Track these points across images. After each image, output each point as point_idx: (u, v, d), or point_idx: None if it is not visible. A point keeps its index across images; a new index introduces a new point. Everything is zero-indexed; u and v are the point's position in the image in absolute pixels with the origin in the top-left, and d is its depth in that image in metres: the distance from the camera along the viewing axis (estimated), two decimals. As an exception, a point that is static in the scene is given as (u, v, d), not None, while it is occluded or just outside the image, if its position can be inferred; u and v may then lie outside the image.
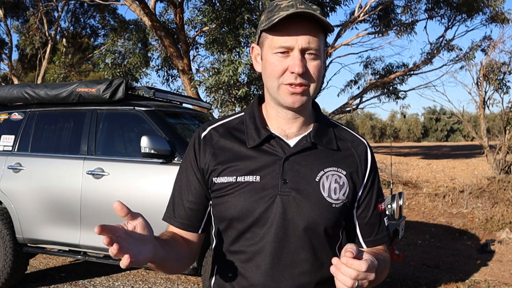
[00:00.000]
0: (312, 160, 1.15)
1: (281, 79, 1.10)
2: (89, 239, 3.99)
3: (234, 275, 1.17)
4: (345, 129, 1.25)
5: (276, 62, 1.10)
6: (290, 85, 1.10)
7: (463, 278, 4.95)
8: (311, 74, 1.10)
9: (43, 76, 15.61)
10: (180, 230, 1.23)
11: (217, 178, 1.16)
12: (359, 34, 13.84)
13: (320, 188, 1.13)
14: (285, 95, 1.11)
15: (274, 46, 1.10)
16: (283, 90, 1.11)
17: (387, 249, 1.26)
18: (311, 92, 1.12)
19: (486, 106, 11.25)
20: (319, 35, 1.09)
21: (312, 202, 1.12)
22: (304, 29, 1.07)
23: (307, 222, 1.12)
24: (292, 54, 1.08)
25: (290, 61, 1.08)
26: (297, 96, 1.10)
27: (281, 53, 1.09)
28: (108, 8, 16.58)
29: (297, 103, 1.11)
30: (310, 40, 1.07)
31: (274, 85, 1.12)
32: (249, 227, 1.13)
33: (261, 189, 1.12)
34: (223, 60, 8.80)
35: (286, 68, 1.09)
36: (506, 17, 13.04)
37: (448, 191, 9.19)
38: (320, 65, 1.11)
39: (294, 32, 1.07)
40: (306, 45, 1.07)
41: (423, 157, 18.86)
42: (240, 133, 1.19)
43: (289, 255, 1.13)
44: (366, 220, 1.21)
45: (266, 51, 1.13)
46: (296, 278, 1.13)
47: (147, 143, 3.64)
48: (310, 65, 1.09)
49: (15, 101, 4.73)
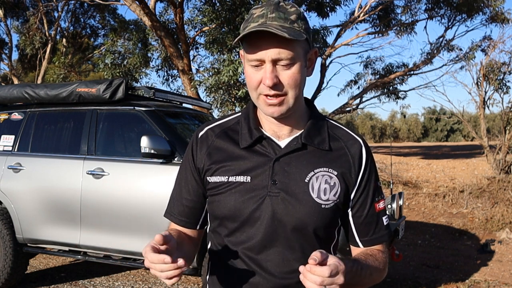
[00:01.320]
0: (303, 161, 1.16)
1: (258, 90, 1.11)
2: (89, 239, 3.99)
3: (225, 273, 1.20)
4: (340, 128, 1.24)
5: (252, 75, 1.11)
6: (266, 96, 1.10)
7: (463, 278, 4.95)
8: (286, 83, 1.09)
9: (43, 76, 15.61)
10: (179, 227, 1.27)
11: (211, 177, 1.19)
12: (359, 34, 13.85)
13: (309, 189, 1.14)
14: (263, 106, 1.13)
15: (248, 59, 1.11)
16: (261, 100, 1.12)
17: (385, 249, 1.25)
18: (291, 100, 1.11)
19: (486, 106, 11.25)
20: (292, 42, 1.07)
21: (300, 203, 1.13)
22: (273, 41, 1.06)
23: (295, 223, 1.13)
24: (264, 67, 1.09)
25: (263, 74, 1.09)
26: (275, 107, 1.11)
27: (255, 66, 1.10)
28: (108, 8, 16.58)
29: (276, 113, 1.12)
30: (280, 51, 1.06)
31: (254, 96, 1.14)
32: (239, 226, 1.16)
33: (251, 189, 1.14)
34: (223, 60, 8.81)
35: (260, 80, 1.10)
36: (506, 17, 13.04)
37: (448, 191, 9.19)
38: (296, 72, 1.09)
39: (263, 44, 1.07)
40: (276, 56, 1.07)
41: (423, 157, 18.85)
42: (235, 134, 1.21)
43: (278, 255, 1.15)
44: (362, 219, 1.21)
45: (244, 62, 1.15)
46: (284, 277, 1.15)
47: (147, 143, 3.64)
48: (283, 74, 1.09)
49: (15, 101, 4.73)
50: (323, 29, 12.43)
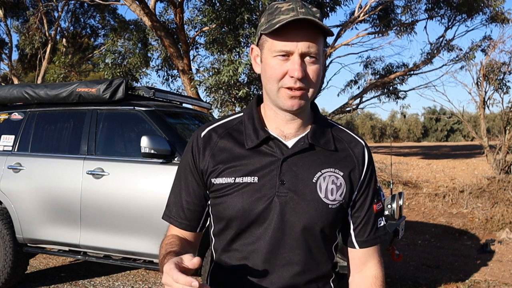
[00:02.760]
0: (310, 161, 1.16)
1: (281, 82, 1.11)
2: (89, 239, 3.99)
3: (230, 274, 1.19)
4: (342, 130, 1.25)
5: (276, 66, 1.10)
6: (289, 88, 1.10)
7: (463, 278, 4.95)
8: (311, 78, 1.11)
9: (43, 76, 15.60)
10: (179, 229, 1.25)
11: (216, 179, 1.17)
12: (359, 34, 13.84)
13: (317, 189, 1.14)
14: (284, 98, 1.12)
15: (274, 50, 1.10)
16: (282, 93, 1.12)
17: (380, 252, 1.26)
18: (310, 95, 1.13)
19: (486, 106, 11.25)
20: (318, 39, 1.10)
21: (309, 203, 1.13)
22: (304, 34, 1.08)
23: (304, 223, 1.13)
24: (292, 58, 1.09)
25: (290, 65, 1.09)
26: (296, 100, 1.11)
27: (281, 57, 1.10)
28: (108, 8, 16.57)
29: (296, 106, 1.12)
30: (310, 45, 1.08)
31: (274, 88, 1.13)
32: (247, 227, 1.15)
33: (259, 190, 1.13)
34: (223, 60, 8.81)
35: (286, 72, 1.10)
36: (506, 17, 13.04)
37: (448, 191, 9.19)
38: (319, 69, 1.12)
39: (294, 37, 1.08)
40: (306, 49, 1.08)
41: (423, 157, 18.84)
42: (239, 134, 1.20)
43: (284, 255, 1.14)
44: (360, 219, 1.22)
45: (266, 54, 1.14)
46: (291, 278, 1.15)
47: (147, 143, 3.64)
48: (309, 69, 1.10)
49: (15, 101, 4.73)
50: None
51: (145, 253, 3.80)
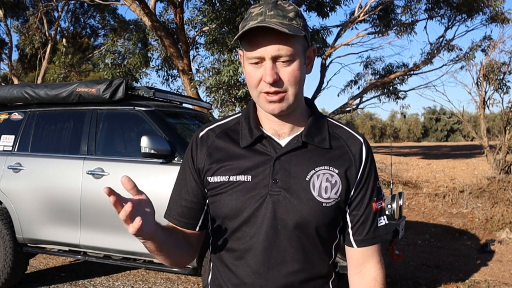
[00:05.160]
0: (303, 159, 1.16)
1: (259, 88, 1.11)
2: (89, 239, 3.99)
3: (226, 273, 1.20)
4: (340, 127, 1.24)
5: (252, 73, 1.11)
6: (266, 93, 1.11)
7: (463, 278, 4.95)
8: (286, 80, 1.10)
9: (43, 76, 15.61)
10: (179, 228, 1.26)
11: (212, 178, 1.18)
12: (359, 34, 13.85)
13: (310, 187, 1.14)
14: (264, 103, 1.13)
15: (247, 57, 1.11)
16: (262, 98, 1.13)
17: (380, 252, 1.24)
18: (291, 97, 1.12)
19: (486, 106, 11.26)
20: (291, 40, 1.08)
21: (301, 201, 1.13)
22: (272, 38, 1.06)
23: (296, 221, 1.13)
24: (264, 64, 1.09)
25: (263, 71, 1.09)
26: (276, 104, 1.11)
27: (254, 64, 1.10)
28: (108, 8, 16.57)
29: (276, 109, 1.12)
30: (279, 47, 1.07)
31: (254, 94, 1.14)
32: (240, 225, 1.16)
33: (252, 188, 1.14)
34: (223, 60, 8.81)
35: (261, 77, 1.10)
36: (506, 17, 13.04)
37: (448, 191, 9.19)
38: (296, 69, 1.10)
39: (262, 42, 1.07)
40: (276, 53, 1.07)
41: (423, 157, 18.85)
42: (235, 134, 1.21)
43: (279, 254, 1.14)
44: (358, 218, 1.20)
45: (244, 61, 1.15)
46: (285, 277, 1.14)
47: (147, 143, 3.64)
48: (283, 71, 1.09)
49: (15, 101, 4.73)
50: (323, 29, 12.42)
51: (145, 253, 3.80)
